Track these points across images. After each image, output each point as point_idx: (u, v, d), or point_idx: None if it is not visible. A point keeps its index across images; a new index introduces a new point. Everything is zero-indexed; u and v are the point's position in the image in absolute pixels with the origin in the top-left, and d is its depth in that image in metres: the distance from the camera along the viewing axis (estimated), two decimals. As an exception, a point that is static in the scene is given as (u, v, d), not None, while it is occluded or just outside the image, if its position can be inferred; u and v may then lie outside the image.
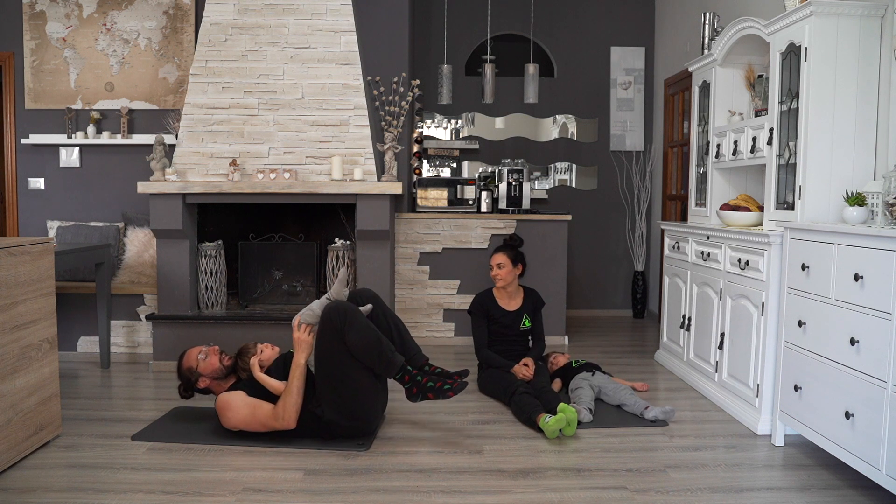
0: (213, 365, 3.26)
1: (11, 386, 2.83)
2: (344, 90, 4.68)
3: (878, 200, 2.89)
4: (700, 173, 4.41)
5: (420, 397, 3.11)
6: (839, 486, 2.75)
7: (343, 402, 3.09)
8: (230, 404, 3.13)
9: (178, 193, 4.46)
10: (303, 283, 4.93)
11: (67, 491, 2.67)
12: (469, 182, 5.48)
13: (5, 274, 2.79)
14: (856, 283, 2.60)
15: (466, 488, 2.71)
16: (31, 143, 5.24)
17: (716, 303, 3.86)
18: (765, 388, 3.32)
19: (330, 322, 3.05)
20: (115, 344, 4.83)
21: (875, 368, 2.50)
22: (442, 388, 3.08)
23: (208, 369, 3.25)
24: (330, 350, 3.06)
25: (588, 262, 6.67)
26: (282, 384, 3.13)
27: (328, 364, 3.07)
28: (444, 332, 5.32)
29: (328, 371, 3.08)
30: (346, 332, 3.02)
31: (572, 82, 6.60)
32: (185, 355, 3.33)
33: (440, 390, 3.08)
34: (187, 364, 3.29)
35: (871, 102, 3.14)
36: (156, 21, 5.23)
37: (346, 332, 3.02)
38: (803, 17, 3.16)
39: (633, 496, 2.65)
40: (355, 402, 3.11)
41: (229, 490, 2.67)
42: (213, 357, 3.27)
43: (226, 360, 3.30)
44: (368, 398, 3.15)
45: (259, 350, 3.27)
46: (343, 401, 3.09)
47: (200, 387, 3.28)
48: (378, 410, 3.27)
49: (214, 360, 3.26)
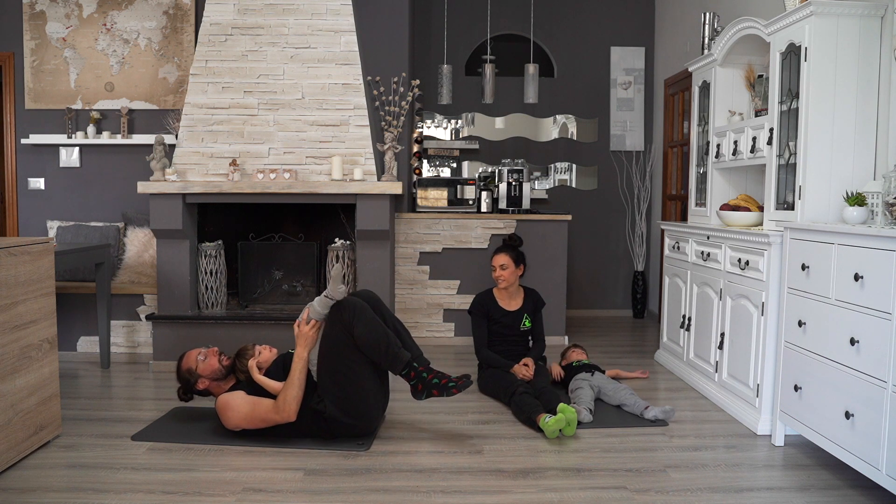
0: (212, 366, 3.26)
1: (11, 386, 2.83)
2: (344, 90, 4.68)
3: (878, 200, 2.89)
4: (700, 173, 4.41)
5: (425, 395, 3.11)
6: (839, 486, 2.75)
7: (346, 397, 3.09)
8: (230, 403, 3.13)
9: (178, 193, 4.46)
10: (303, 283, 4.93)
11: (67, 491, 2.67)
12: (469, 182, 5.48)
13: (5, 274, 2.79)
14: (856, 283, 2.60)
15: (466, 488, 2.71)
16: (31, 143, 5.24)
17: (716, 303, 3.86)
18: (765, 388, 3.32)
19: (339, 316, 3.07)
20: (115, 344, 4.83)
21: (875, 368, 2.50)
22: (447, 385, 3.09)
23: (207, 370, 3.26)
24: (337, 344, 3.08)
25: (588, 262, 6.68)
26: (281, 385, 3.13)
27: (334, 358, 3.09)
28: (444, 332, 5.32)
29: (333, 365, 3.09)
30: (354, 325, 3.05)
31: (572, 82, 6.60)
32: (184, 357, 3.33)
33: (445, 387, 3.09)
34: (186, 365, 3.29)
35: (871, 102, 3.14)
36: (156, 21, 5.23)
37: (354, 325, 3.05)
38: (803, 17, 3.16)
39: (633, 496, 2.65)
40: (358, 398, 3.11)
41: (229, 490, 2.67)
42: (213, 358, 3.27)
43: (225, 360, 3.30)
44: (370, 396, 3.15)
45: (257, 352, 3.27)
46: (346, 396, 3.09)
47: (200, 388, 3.29)
48: (379, 410, 3.27)
49: (213, 362, 3.27)
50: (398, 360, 3.09)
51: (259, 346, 3.30)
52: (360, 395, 3.11)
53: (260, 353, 3.27)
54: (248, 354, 3.28)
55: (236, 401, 3.13)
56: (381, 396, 3.27)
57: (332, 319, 3.11)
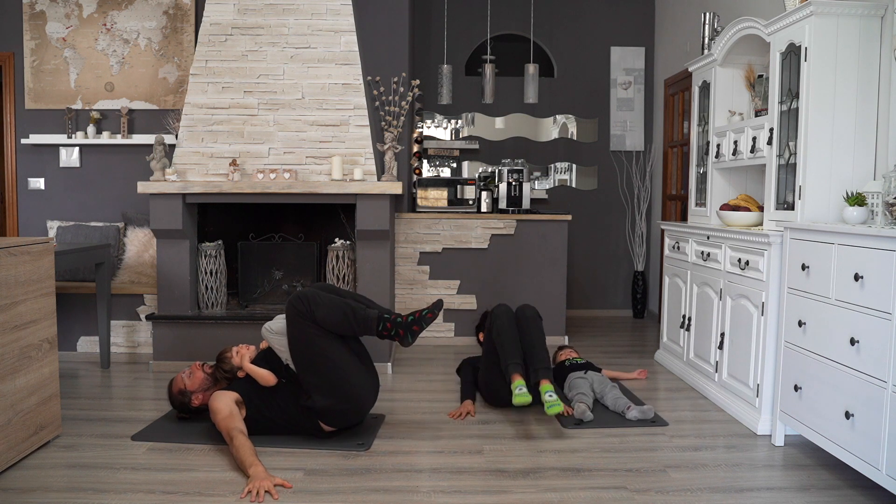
0: (199, 378, 3.31)
1: (11, 386, 2.83)
2: (344, 90, 4.68)
3: (878, 200, 2.89)
4: (700, 173, 4.41)
5: (410, 337, 3.15)
6: (839, 486, 2.75)
7: (330, 384, 3.09)
8: (213, 405, 3.09)
9: (178, 193, 4.46)
10: (303, 283, 4.92)
11: (67, 491, 2.67)
12: (469, 182, 5.48)
13: (5, 274, 2.79)
14: (856, 283, 2.60)
15: (466, 488, 2.71)
16: (31, 143, 5.24)
17: (716, 303, 3.86)
18: (765, 388, 3.33)
19: (296, 309, 3.08)
20: (115, 344, 4.83)
21: (875, 368, 2.50)
22: (422, 315, 3.14)
23: (196, 384, 3.30)
24: (305, 337, 3.07)
25: (588, 262, 6.68)
26: (270, 374, 3.16)
27: (307, 351, 3.09)
28: (444, 332, 5.32)
29: (309, 359, 3.09)
30: (314, 311, 3.06)
31: (572, 82, 6.60)
32: (172, 383, 3.38)
33: (421, 318, 3.14)
34: (177, 388, 3.34)
35: (871, 102, 3.14)
36: (156, 21, 5.23)
37: (314, 311, 3.06)
38: (803, 17, 3.16)
39: (633, 496, 2.65)
40: (341, 381, 3.10)
41: (229, 490, 2.67)
42: (197, 372, 3.33)
43: (207, 368, 3.35)
44: (353, 376, 3.14)
45: (234, 352, 3.30)
46: (330, 383, 3.09)
47: (196, 405, 3.31)
48: (366, 390, 3.21)
49: (199, 374, 3.32)
50: (368, 320, 3.11)
51: (236, 347, 3.34)
52: (342, 378, 3.10)
53: (237, 352, 3.30)
54: (226, 357, 3.31)
55: (220, 404, 3.08)
56: (367, 377, 3.23)
57: (291, 318, 3.10)
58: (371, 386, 3.27)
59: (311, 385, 3.11)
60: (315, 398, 3.09)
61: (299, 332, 3.08)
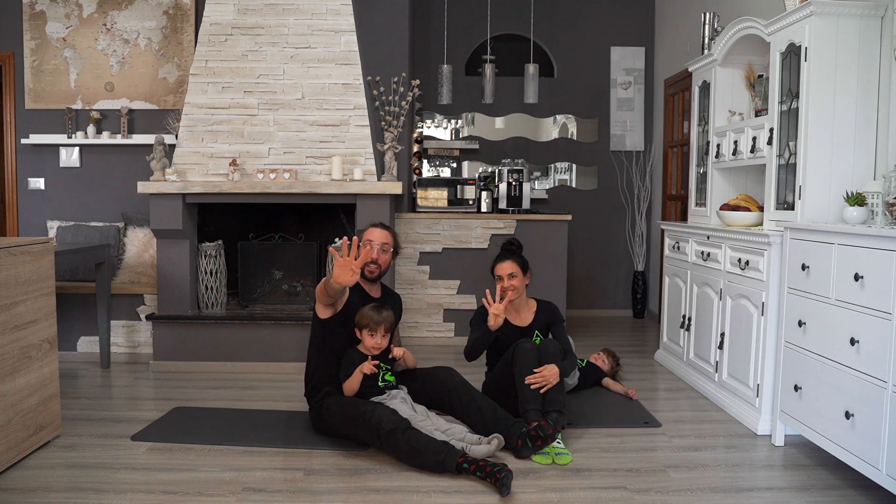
0: None
1: (11, 386, 2.83)
2: (344, 90, 4.68)
3: (878, 200, 2.89)
4: (700, 173, 4.41)
5: (507, 486, 2.65)
6: (839, 486, 2.75)
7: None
8: None
9: (178, 193, 4.46)
10: (303, 283, 4.93)
11: (67, 491, 2.67)
12: (469, 182, 5.48)
13: (5, 274, 2.79)
14: (856, 283, 2.60)
15: (466, 488, 2.71)
16: (31, 143, 5.24)
17: (716, 303, 3.86)
18: (765, 388, 3.33)
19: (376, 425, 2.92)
20: (115, 344, 4.83)
21: (875, 368, 2.50)
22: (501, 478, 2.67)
23: None
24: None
25: (588, 262, 6.68)
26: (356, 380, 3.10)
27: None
28: (444, 332, 5.32)
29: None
30: None
31: (572, 82, 6.60)
32: None
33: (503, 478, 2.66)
34: None
35: (871, 102, 3.14)
36: (156, 21, 5.23)
37: None
38: (803, 17, 3.16)
39: (633, 496, 2.65)
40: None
41: (229, 490, 2.67)
42: None
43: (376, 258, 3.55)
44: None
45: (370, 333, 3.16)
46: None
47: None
48: None
49: None
50: (444, 466, 2.81)
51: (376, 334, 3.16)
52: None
53: (373, 335, 3.15)
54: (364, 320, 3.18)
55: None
56: None
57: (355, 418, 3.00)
58: None
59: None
60: (326, 391, 3.23)
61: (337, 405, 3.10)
